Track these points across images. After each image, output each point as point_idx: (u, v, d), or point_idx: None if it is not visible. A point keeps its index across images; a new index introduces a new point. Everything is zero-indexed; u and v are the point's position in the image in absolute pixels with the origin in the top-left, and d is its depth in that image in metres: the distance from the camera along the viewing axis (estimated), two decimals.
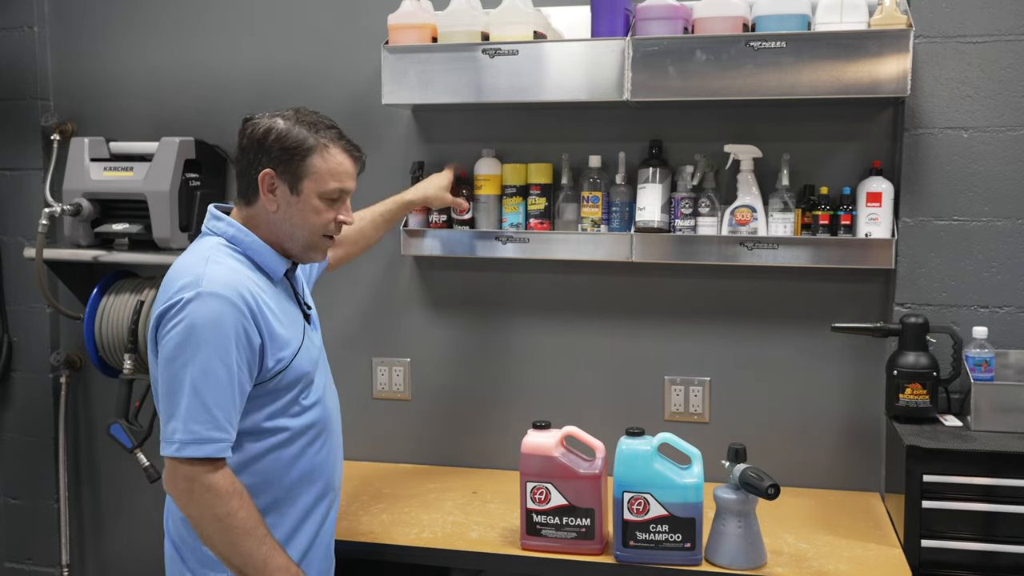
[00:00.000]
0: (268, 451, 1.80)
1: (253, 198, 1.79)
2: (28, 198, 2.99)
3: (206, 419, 1.65)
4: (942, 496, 2.07)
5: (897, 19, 2.22)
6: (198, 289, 1.67)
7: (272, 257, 1.82)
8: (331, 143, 1.79)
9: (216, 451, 1.67)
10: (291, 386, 1.81)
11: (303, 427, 1.84)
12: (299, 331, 1.84)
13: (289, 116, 1.79)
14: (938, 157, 2.36)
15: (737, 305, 2.57)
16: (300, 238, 1.81)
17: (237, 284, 1.71)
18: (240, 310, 1.69)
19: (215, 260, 1.75)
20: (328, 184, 1.78)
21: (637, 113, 2.55)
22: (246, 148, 1.79)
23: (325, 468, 1.91)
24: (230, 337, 1.67)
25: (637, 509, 2.02)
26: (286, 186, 1.77)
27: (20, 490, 3.11)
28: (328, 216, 1.81)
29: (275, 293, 1.81)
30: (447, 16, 2.49)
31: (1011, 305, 2.36)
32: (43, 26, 2.97)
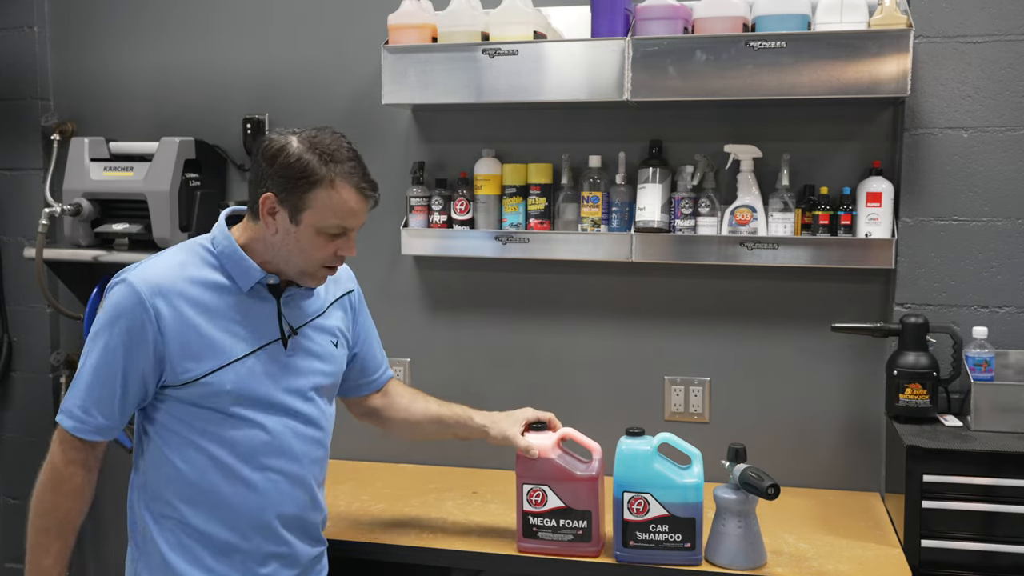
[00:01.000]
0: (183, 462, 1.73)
1: (255, 215, 1.73)
2: (28, 198, 2.99)
3: (77, 395, 1.69)
4: (942, 496, 2.07)
5: (897, 19, 2.22)
6: (126, 275, 1.70)
7: (243, 267, 1.73)
8: (340, 179, 1.67)
9: (72, 428, 1.69)
10: (208, 400, 1.71)
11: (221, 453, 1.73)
12: (246, 347, 1.73)
13: (305, 139, 1.68)
14: (938, 157, 2.36)
15: (737, 305, 2.57)
16: (295, 265, 1.74)
17: (161, 277, 1.68)
18: (142, 302, 1.66)
19: (168, 253, 1.76)
20: (328, 220, 1.69)
21: (637, 113, 2.55)
22: (257, 163, 1.72)
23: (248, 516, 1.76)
24: (122, 324, 1.66)
25: (637, 509, 2.02)
26: (286, 213, 1.69)
27: (20, 490, 3.11)
28: (327, 251, 1.73)
29: (236, 302, 1.73)
30: (447, 16, 2.49)
31: (1011, 305, 2.36)
32: (43, 26, 2.97)
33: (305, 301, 1.84)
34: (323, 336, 1.87)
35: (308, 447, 1.83)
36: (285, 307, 1.79)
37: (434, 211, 2.62)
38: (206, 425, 1.73)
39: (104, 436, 1.72)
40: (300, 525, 1.85)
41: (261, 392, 1.75)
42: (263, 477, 1.76)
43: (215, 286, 1.72)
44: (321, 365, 1.85)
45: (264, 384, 1.75)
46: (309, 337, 1.84)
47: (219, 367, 1.70)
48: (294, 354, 1.80)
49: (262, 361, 1.75)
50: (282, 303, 1.79)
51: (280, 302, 1.78)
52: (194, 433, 1.73)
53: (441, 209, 2.61)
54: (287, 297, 1.80)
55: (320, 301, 1.88)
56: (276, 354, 1.77)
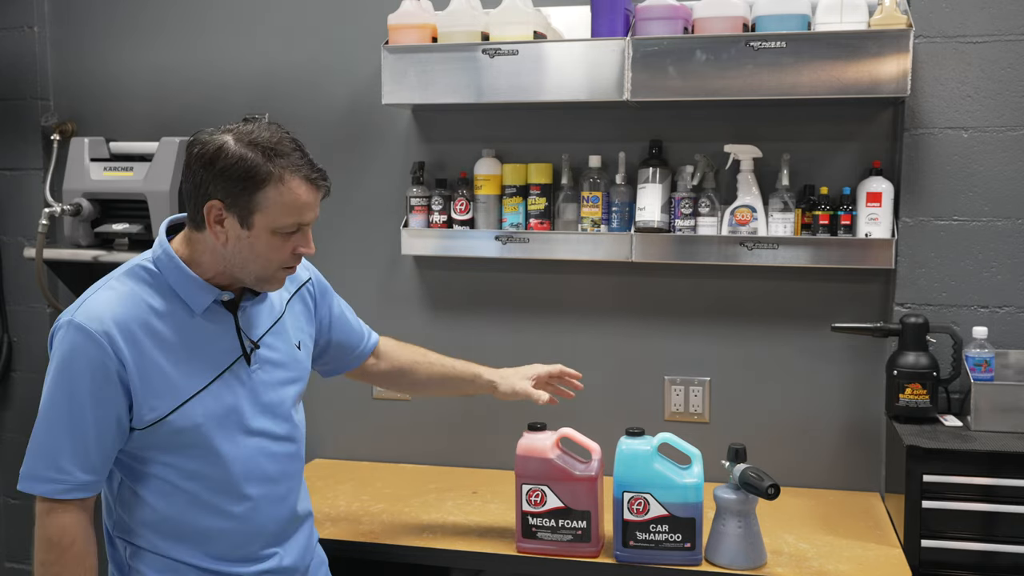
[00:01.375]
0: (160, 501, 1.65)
1: (200, 225, 1.59)
2: (28, 198, 2.99)
3: (44, 455, 1.54)
4: (942, 496, 2.07)
5: (897, 19, 2.22)
6: (69, 317, 1.56)
7: (194, 287, 1.61)
8: (288, 172, 1.55)
9: (51, 491, 1.54)
10: (177, 438, 1.61)
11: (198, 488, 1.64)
12: (210, 373, 1.63)
13: (242, 135, 1.56)
14: (938, 157, 2.36)
15: (737, 305, 2.57)
16: (252, 271, 1.62)
17: (111, 314, 1.55)
18: (98, 344, 1.52)
19: (110, 285, 1.61)
20: (282, 219, 1.57)
21: (637, 113, 2.55)
22: (193, 169, 1.57)
23: (232, 544, 1.69)
24: (81, 371, 1.53)
25: (637, 509, 2.02)
26: (235, 219, 1.56)
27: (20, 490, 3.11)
28: (284, 251, 1.61)
29: (190, 326, 1.62)
30: (447, 16, 2.49)
31: (1011, 305, 2.36)
32: (43, 26, 2.97)
33: (260, 309, 1.73)
34: (284, 341, 1.78)
35: (284, 464, 1.76)
36: (242, 321, 1.69)
37: (434, 211, 2.62)
38: (178, 462, 1.63)
39: (90, 492, 1.58)
40: (287, 539, 1.79)
41: (232, 418, 1.66)
42: (243, 506, 1.68)
43: (167, 312, 1.60)
44: (287, 373, 1.77)
45: (234, 409, 1.66)
46: (271, 346, 1.74)
47: (185, 400, 1.60)
48: (259, 367, 1.71)
49: (228, 384, 1.66)
50: (239, 317, 1.68)
51: (237, 317, 1.68)
52: (167, 471, 1.63)
53: (441, 209, 2.61)
54: (243, 310, 1.69)
55: (276, 305, 1.78)
56: (240, 373, 1.68)
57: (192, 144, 1.59)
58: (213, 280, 1.64)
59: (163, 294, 1.61)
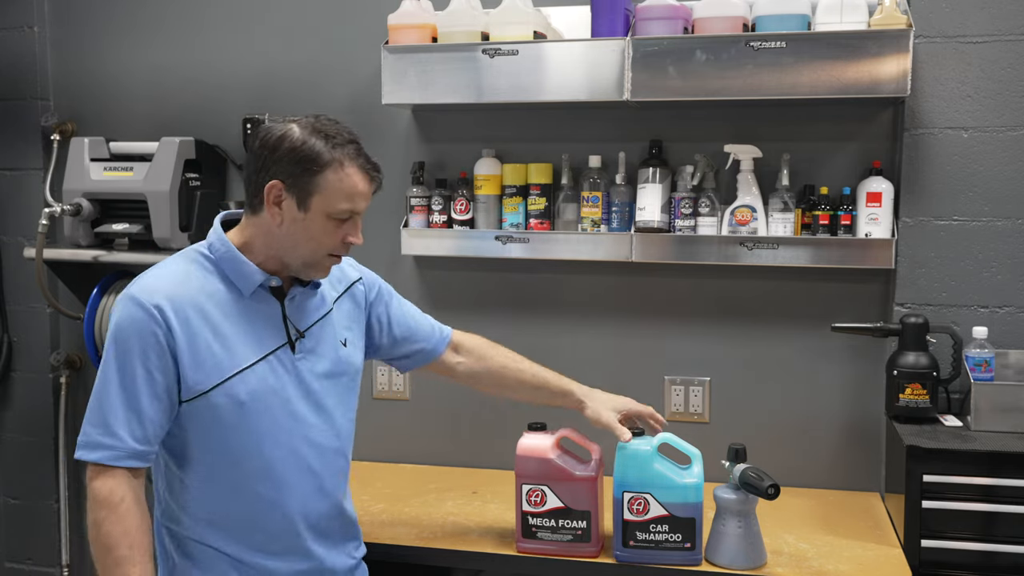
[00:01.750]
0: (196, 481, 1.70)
1: (258, 208, 1.68)
2: (28, 198, 3.00)
3: (99, 423, 1.61)
4: (942, 496, 2.07)
5: (897, 19, 2.22)
6: (126, 292, 1.65)
7: (243, 270, 1.69)
8: (348, 161, 1.65)
9: (104, 458, 1.60)
10: (220, 414, 1.66)
11: (237, 471, 1.69)
12: (255, 354, 1.69)
13: (306, 125, 1.66)
14: (938, 157, 2.36)
15: (737, 305, 2.57)
16: (301, 255, 1.69)
17: (162, 289, 1.63)
18: (151, 315, 1.60)
19: (166, 264, 1.70)
20: (338, 204, 1.66)
21: (637, 113, 2.55)
22: (256, 153, 1.66)
23: (272, 533, 1.73)
24: (133, 343, 1.60)
25: (637, 509, 2.02)
26: (293, 200, 1.64)
27: (20, 490, 3.11)
28: (335, 237, 1.69)
29: (239, 308, 1.69)
30: (447, 16, 2.49)
31: (1011, 305, 2.36)
32: (43, 26, 2.97)
33: (310, 302, 1.79)
34: (330, 336, 1.81)
35: (326, 457, 1.79)
36: (290, 309, 1.75)
37: (434, 211, 2.62)
38: (220, 442, 1.67)
39: (142, 462, 1.63)
40: (328, 537, 1.82)
41: (275, 401, 1.70)
42: (282, 493, 1.72)
43: (217, 293, 1.68)
44: (331, 367, 1.80)
45: (276, 392, 1.70)
46: (316, 338, 1.78)
47: (229, 376, 1.65)
48: (303, 358, 1.75)
49: (272, 367, 1.70)
50: (286, 305, 1.74)
51: (284, 305, 1.74)
52: (208, 452, 1.68)
53: (441, 209, 2.61)
54: (292, 299, 1.75)
55: (325, 301, 1.83)
56: (284, 359, 1.73)
57: (257, 131, 1.70)
58: (263, 265, 1.71)
59: (215, 276, 1.69)
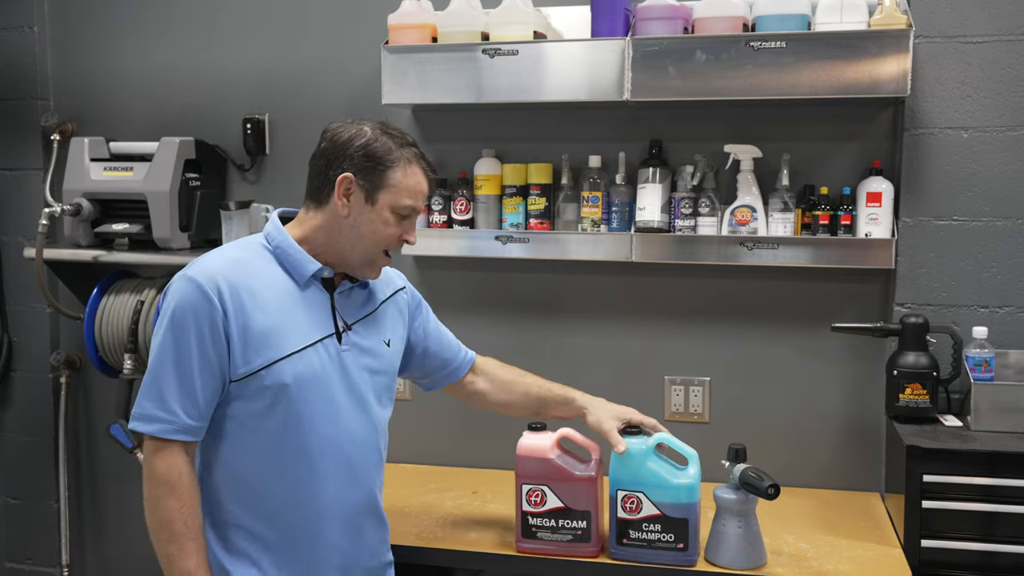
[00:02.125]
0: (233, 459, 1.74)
1: (325, 200, 1.76)
2: (28, 198, 3.00)
3: (155, 397, 1.67)
4: (942, 496, 2.07)
5: (897, 19, 2.22)
6: (183, 272, 1.70)
7: (299, 259, 1.76)
8: (414, 160, 1.77)
9: (159, 431, 1.66)
10: (265, 396, 1.71)
11: (277, 454, 1.73)
12: (304, 339, 1.74)
13: (375, 126, 1.77)
14: (938, 157, 2.36)
15: (737, 305, 2.57)
16: (362, 249, 1.77)
17: (220, 271, 1.69)
18: (207, 296, 1.66)
19: (224, 249, 1.78)
20: (404, 199, 1.76)
21: (637, 113, 2.55)
22: (326, 150, 1.76)
23: (304, 520, 1.76)
24: (189, 320, 1.66)
25: (630, 508, 2.02)
26: (362, 193, 1.74)
27: (20, 490, 3.11)
28: (395, 231, 1.78)
29: (292, 295, 1.75)
30: (447, 16, 2.49)
31: (1011, 305, 2.36)
32: (43, 26, 2.98)
33: (358, 298, 1.86)
34: (375, 333, 1.87)
35: (362, 450, 1.83)
36: (339, 301, 1.81)
37: (434, 211, 2.62)
38: (261, 423, 1.72)
39: (194, 436, 1.69)
40: (359, 532, 1.85)
41: (319, 387, 1.75)
42: (315, 478, 1.76)
43: (271, 279, 1.74)
44: (373, 363, 1.85)
45: (320, 379, 1.75)
46: (361, 334, 1.84)
47: (278, 359, 1.70)
48: (348, 350, 1.80)
49: (319, 354, 1.75)
50: (336, 298, 1.80)
51: (333, 296, 1.80)
52: (248, 433, 1.73)
53: (441, 209, 2.61)
54: (341, 292, 1.81)
55: (373, 299, 1.90)
56: (332, 349, 1.78)
57: (326, 130, 1.80)
58: (318, 258, 1.77)
59: (271, 263, 1.76)
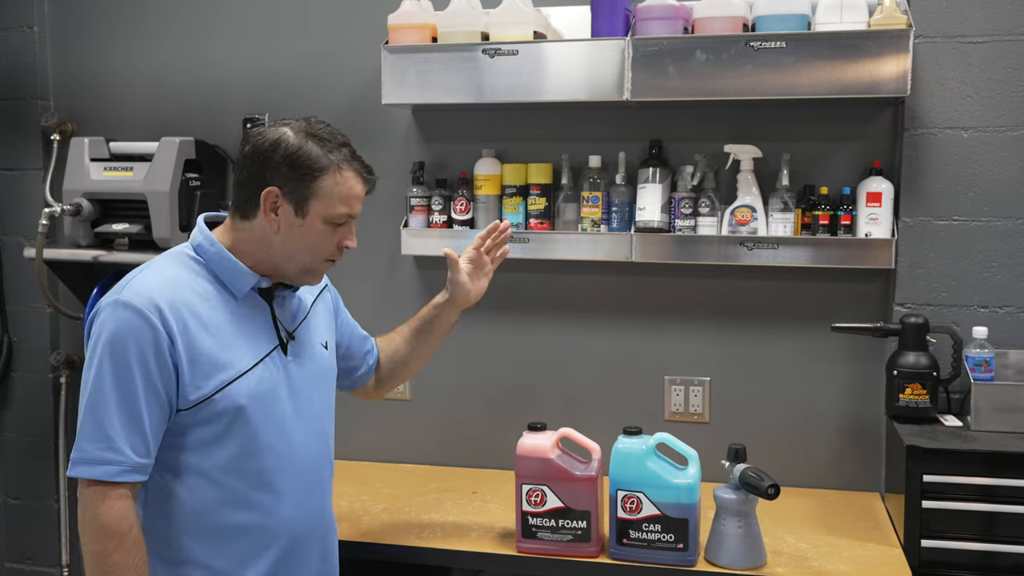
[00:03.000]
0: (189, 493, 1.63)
1: (251, 213, 1.64)
2: (28, 198, 2.99)
3: (98, 438, 1.53)
4: (942, 496, 2.07)
5: (897, 19, 2.22)
6: (116, 297, 1.57)
7: (237, 272, 1.65)
8: (344, 164, 1.65)
9: (106, 474, 1.52)
10: (218, 418, 1.61)
11: (230, 479, 1.63)
12: (252, 357, 1.65)
13: (299, 129, 1.64)
14: (938, 157, 2.36)
15: (737, 305, 2.56)
16: (299, 261, 1.67)
17: (158, 293, 1.56)
18: (149, 321, 1.53)
19: (155, 267, 1.64)
20: (336, 208, 1.64)
21: (637, 113, 2.55)
22: (248, 158, 1.64)
23: (262, 543, 1.68)
24: (130, 350, 1.53)
25: (630, 508, 2.02)
26: (291, 206, 1.62)
27: (20, 490, 3.11)
28: (331, 241, 1.68)
29: (231, 310, 1.65)
30: (447, 16, 2.49)
31: (1011, 305, 2.35)
32: (43, 26, 2.97)
33: (292, 304, 1.77)
34: (314, 338, 1.81)
35: (317, 462, 1.78)
36: (277, 311, 1.73)
37: (434, 211, 2.62)
38: (216, 450, 1.62)
39: (142, 476, 1.57)
40: (320, 544, 1.81)
41: (274, 403, 1.67)
42: (273, 499, 1.68)
43: (209, 295, 1.64)
44: (317, 368, 1.80)
45: (274, 394, 1.68)
46: (302, 341, 1.77)
47: (230, 380, 1.61)
48: (294, 359, 1.73)
49: (269, 370, 1.68)
50: (275, 307, 1.72)
51: (273, 306, 1.72)
52: (204, 462, 1.62)
53: (441, 209, 2.61)
54: (278, 300, 1.73)
55: (304, 302, 1.81)
56: (278, 362, 1.70)
57: (248, 136, 1.67)
58: (253, 269, 1.68)
59: (205, 278, 1.65)
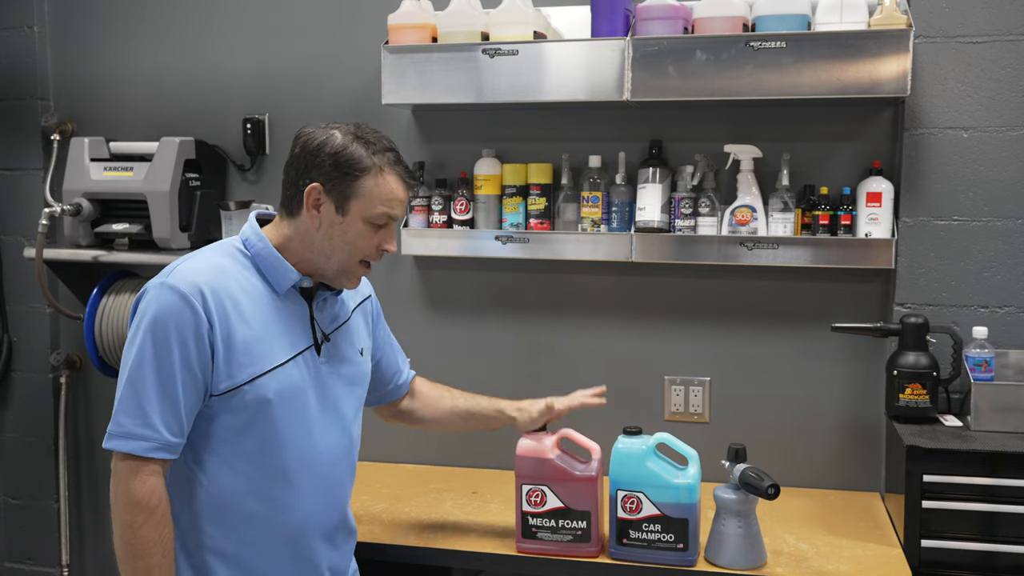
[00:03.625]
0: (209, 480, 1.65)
1: (296, 211, 1.68)
2: (28, 198, 2.99)
3: (135, 413, 1.57)
4: (942, 496, 2.07)
5: (897, 19, 2.22)
6: (162, 280, 1.61)
7: (280, 268, 1.69)
8: (387, 167, 1.67)
9: (140, 449, 1.56)
10: (244, 412, 1.63)
11: (254, 469, 1.66)
12: (285, 353, 1.68)
13: (347, 131, 1.68)
14: (938, 157, 2.36)
15: (737, 305, 2.56)
16: (337, 260, 1.69)
17: (203, 280, 1.60)
18: (192, 306, 1.57)
19: (202, 255, 1.68)
20: (376, 208, 1.66)
21: (637, 113, 2.55)
22: (297, 158, 1.68)
23: (281, 537, 1.70)
24: (171, 332, 1.56)
25: (630, 508, 2.02)
26: (332, 204, 1.65)
27: (20, 490, 3.11)
28: (371, 242, 1.69)
29: (272, 305, 1.68)
30: (447, 16, 2.49)
31: (1011, 305, 2.35)
32: (43, 26, 2.97)
33: (333, 307, 1.79)
34: (350, 343, 1.82)
35: (339, 464, 1.79)
36: (317, 312, 1.75)
37: (434, 211, 2.62)
38: (240, 440, 1.65)
39: (173, 455, 1.60)
40: (332, 547, 1.81)
41: (299, 401, 1.69)
42: (292, 495, 1.70)
43: (252, 288, 1.67)
44: (350, 373, 1.81)
45: (302, 392, 1.70)
46: (338, 344, 1.79)
47: (261, 373, 1.63)
48: (326, 361, 1.75)
49: (300, 368, 1.70)
50: (314, 307, 1.74)
51: (312, 306, 1.74)
52: (227, 450, 1.65)
53: (441, 209, 2.61)
54: (318, 302, 1.75)
55: (345, 307, 1.84)
56: (310, 361, 1.72)
57: (298, 136, 1.71)
58: (296, 267, 1.70)
59: (250, 271, 1.68)
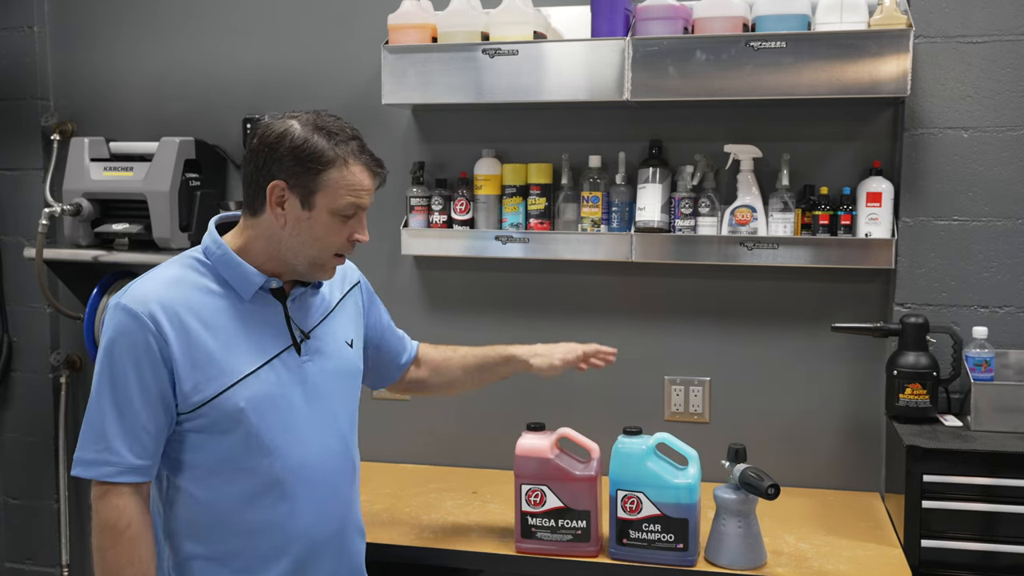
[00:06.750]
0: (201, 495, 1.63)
1: (259, 209, 1.62)
2: (28, 198, 2.99)
3: (96, 439, 1.55)
4: (942, 496, 2.07)
5: (897, 19, 2.22)
6: (117, 299, 1.59)
7: (242, 273, 1.63)
8: (351, 157, 1.61)
9: (104, 474, 1.54)
10: (223, 425, 1.60)
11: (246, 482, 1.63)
12: (256, 360, 1.63)
13: (307, 121, 1.61)
14: (938, 157, 2.36)
15: (737, 305, 2.57)
16: (307, 256, 1.64)
17: (156, 296, 1.57)
18: (140, 322, 1.54)
19: (159, 270, 1.64)
20: (343, 200, 1.60)
21: (637, 113, 2.55)
22: (255, 152, 1.61)
23: (280, 547, 1.66)
24: (125, 353, 1.54)
25: (630, 508, 2.02)
26: (297, 200, 1.59)
27: (20, 490, 3.11)
28: (340, 234, 1.64)
29: (238, 313, 1.63)
30: (447, 16, 2.49)
31: (1011, 305, 2.35)
32: (43, 26, 2.97)
33: (312, 302, 1.74)
34: (335, 336, 1.77)
35: (338, 465, 1.76)
36: (293, 310, 1.70)
37: (434, 211, 2.62)
38: (222, 453, 1.61)
39: (144, 477, 1.57)
40: (341, 550, 1.77)
41: (283, 406, 1.65)
42: (287, 503, 1.66)
43: (213, 298, 1.62)
44: (338, 367, 1.77)
45: (284, 397, 1.65)
46: (321, 339, 1.73)
47: (230, 385, 1.60)
48: (311, 359, 1.70)
49: (278, 372, 1.65)
50: (289, 307, 1.69)
51: (286, 306, 1.69)
52: (212, 463, 1.62)
53: (441, 209, 2.61)
54: (294, 299, 1.70)
55: (327, 301, 1.79)
56: (290, 363, 1.67)
57: (255, 128, 1.64)
58: (263, 268, 1.66)
59: (211, 280, 1.64)
